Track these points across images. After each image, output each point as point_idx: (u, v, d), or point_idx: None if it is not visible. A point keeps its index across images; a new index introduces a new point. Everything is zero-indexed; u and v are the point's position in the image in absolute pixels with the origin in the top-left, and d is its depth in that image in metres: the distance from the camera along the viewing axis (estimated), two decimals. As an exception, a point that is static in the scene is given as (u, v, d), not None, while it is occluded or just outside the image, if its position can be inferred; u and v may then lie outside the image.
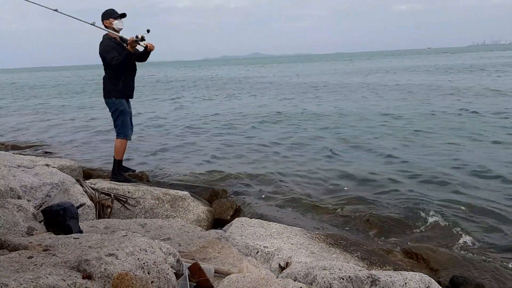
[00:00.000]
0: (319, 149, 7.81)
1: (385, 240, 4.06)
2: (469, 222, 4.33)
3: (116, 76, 4.86)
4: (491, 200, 4.88)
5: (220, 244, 2.85)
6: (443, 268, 3.41)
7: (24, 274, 1.58)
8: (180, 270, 2.10)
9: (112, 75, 4.86)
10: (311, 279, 2.28)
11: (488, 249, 3.80)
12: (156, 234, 3.10)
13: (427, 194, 5.14)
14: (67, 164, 5.71)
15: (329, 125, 10.32)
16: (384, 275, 2.28)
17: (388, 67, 40.83)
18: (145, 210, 4.22)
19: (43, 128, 11.97)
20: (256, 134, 9.61)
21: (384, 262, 3.15)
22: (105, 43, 4.78)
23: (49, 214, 2.64)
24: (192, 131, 10.46)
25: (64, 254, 1.93)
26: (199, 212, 4.39)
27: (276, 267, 2.84)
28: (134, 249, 1.86)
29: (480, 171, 5.93)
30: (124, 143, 5.03)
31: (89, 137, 10.18)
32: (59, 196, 3.73)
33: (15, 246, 2.10)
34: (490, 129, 8.71)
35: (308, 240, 3.35)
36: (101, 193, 4.15)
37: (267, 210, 4.81)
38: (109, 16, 4.80)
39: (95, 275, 1.68)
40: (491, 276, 3.30)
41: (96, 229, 3.08)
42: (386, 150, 7.41)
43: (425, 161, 6.63)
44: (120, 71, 4.83)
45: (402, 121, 10.38)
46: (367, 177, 5.93)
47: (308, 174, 6.28)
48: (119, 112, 4.93)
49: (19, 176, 3.95)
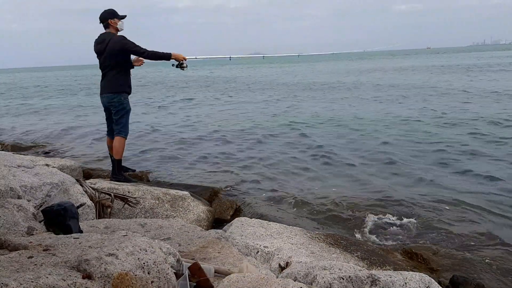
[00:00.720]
0: (318, 150, 7.81)
1: (385, 240, 4.06)
2: (468, 222, 4.33)
3: (126, 73, 5.02)
4: (491, 200, 4.88)
5: (220, 244, 2.85)
6: (443, 268, 3.42)
7: (24, 274, 1.58)
8: (180, 270, 2.10)
9: (124, 72, 4.98)
10: (311, 279, 2.28)
11: (488, 249, 3.80)
12: (156, 234, 3.09)
13: (427, 195, 5.14)
14: (67, 164, 5.71)
15: (332, 127, 10.32)
16: (384, 275, 2.28)
17: (372, 67, 41.40)
18: (145, 210, 4.22)
19: (42, 128, 11.97)
20: (255, 135, 9.60)
21: (384, 262, 3.16)
22: (125, 37, 4.87)
23: (49, 214, 2.64)
24: (191, 132, 10.47)
25: (64, 254, 1.93)
26: (199, 212, 4.39)
27: (276, 267, 2.84)
28: (134, 249, 1.86)
29: (479, 171, 5.93)
30: (123, 142, 5.04)
31: (88, 137, 10.18)
32: (59, 196, 3.73)
33: (15, 246, 2.10)
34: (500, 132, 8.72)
35: (308, 240, 3.35)
36: (101, 193, 4.14)
37: (267, 210, 4.82)
38: (114, 15, 4.94)
39: (95, 275, 1.68)
40: (491, 276, 3.30)
41: (96, 229, 3.08)
42: (385, 151, 7.42)
43: (424, 161, 6.63)
44: (129, 69, 5.06)
45: (395, 125, 10.39)
46: (368, 178, 5.92)
47: (308, 174, 6.28)
48: (126, 111, 5.00)
49: (19, 176, 3.95)
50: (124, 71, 5.00)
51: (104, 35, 4.93)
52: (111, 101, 4.97)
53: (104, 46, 4.86)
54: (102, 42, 4.89)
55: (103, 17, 4.91)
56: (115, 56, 4.85)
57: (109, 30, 4.93)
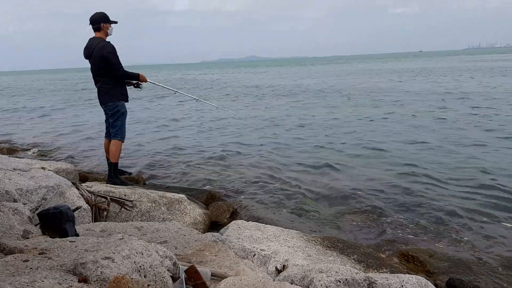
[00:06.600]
0: (316, 151, 7.82)
1: (382, 243, 4.07)
2: (465, 225, 4.34)
3: (120, 81, 5.00)
4: (487, 202, 4.90)
5: (216, 247, 2.85)
6: (440, 271, 3.42)
7: (20, 278, 1.57)
8: (176, 273, 2.09)
9: (117, 80, 4.96)
10: (307, 282, 2.28)
11: (484, 251, 3.81)
12: (153, 237, 3.08)
13: (425, 197, 5.16)
14: (63, 167, 5.70)
15: (323, 130, 10.35)
16: (380, 277, 2.29)
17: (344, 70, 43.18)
18: (142, 213, 4.21)
19: (38, 131, 11.92)
20: (255, 136, 9.61)
21: (381, 265, 3.16)
22: (112, 46, 4.84)
23: (45, 217, 2.63)
24: (190, 133, 10.46)
25: (60, 257, 1.92)
26: (196, 215, 4.38)
27: (272, 270, 2.84)
28: (131, 252, 1.86)
29: (479, 172, 5.96)
30: (120, 146, 5.04)
31: (85, 139, 10.15)
32: (55, 199, 3.71)
33: (10, 250, 2.09)
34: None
35: (304, 243, 3.35)
36: (98, 196, 4.13)
37: (263, 212, 4.81)
38: (107, 20, 4.88)
39: (91, 278, 1.67)
40: (488, 278, 3.31)
41: (92, 232, 3.06)
42: (385, 154, 7.44)
43: (422, 162, 6.65)
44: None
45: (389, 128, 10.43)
46: (364, 181, 5.94)
47: (304, 176, 6.28)
48: (121, 114, 4.99)
49: (14, 179, 3.93)
50: (117, 79, 4.96)
51: (92, 40, 4.90)
52: (105, 110, 5.06)
53: (90, 51, 4.85)
54: (89, 48, 4.87)
55: (96, 20, 4.84)
56: (105, 60, 4.80)
57: (99, 35, 4.88)
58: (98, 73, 4.91)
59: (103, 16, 4.88)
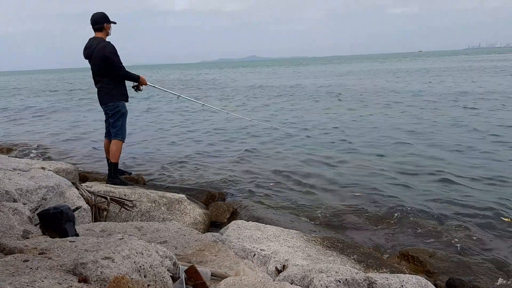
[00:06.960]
0: (315, 152, 7.81)
1: (382, 243, 4.07)
2: (465, 225, 4.34)
3: (120, 81, 5.01)
4: (487, 201, 4.90)
5: (216, 247, 2.84)
6: (440, 271, 3.42)
7: (20, 278, 1.57)
8: (176, 273, 2.09)
9: (117, 79, 4.96)
10: (307, 282, 2.28)
11: (484, 252, 3.81)
12: (153, 237, 3.08)
13: (424, 198, 5.16)
14: (63, 167, 5.69)
15: (322, 130, 10.35)
16: (380, 277, 2.29)
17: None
18: (142, 213, 4.21)
19: (38, 131, 11.92)
20: (254, 137, 9.61)
21: (381, 265, 3.16)
22: (113, 46, 4.85)
23: (45, 217, 2.63)
24: (189, 133, 10.46)
25: (60, 257, 1.92)
26: (196, 215, 4.38)
27: (272, 270, 2.84)
28: (131, 252, 1.86)
29: (479, 172, 5.96)
30: (120, 146, 5.04)
31: (85, 140, 10.15)
32: (55, 199, 3.71)
33: (10, 250, 2.08)
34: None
35: (304, 243, 3.35)
36: (97, 196, 4.13)
37: (263, 212, 4.81)
38: (108, 20, 4.90)
39: (91, 278, 1.67)
40: (488, 278, 3.31)
41: (92, 232, 3.06)
42: (384, 154, 7.44)
43: (422, 162, 6.65)
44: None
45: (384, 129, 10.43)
46: (364, 182, 5.93)
47: (305, 177, 6.28)
48: (121, 114, 5.00)
49: (14, 179, 3.93)
50: (118, 80, 4.97)
51: (92, 40, 4.91)
52: (105, 110, 5.07)
53: (91, 51, 4.86)
54: (89, 48, 4.88)
55: (98, 20, 4.86)
56: (106, 59, 4.81)
57: (100, 35, 4.90)
58: (98, 73, 4.91)
59: (105, 16, 4.90)
